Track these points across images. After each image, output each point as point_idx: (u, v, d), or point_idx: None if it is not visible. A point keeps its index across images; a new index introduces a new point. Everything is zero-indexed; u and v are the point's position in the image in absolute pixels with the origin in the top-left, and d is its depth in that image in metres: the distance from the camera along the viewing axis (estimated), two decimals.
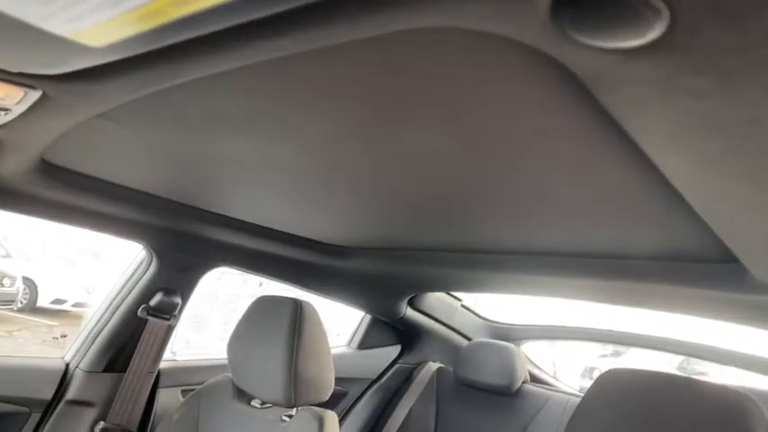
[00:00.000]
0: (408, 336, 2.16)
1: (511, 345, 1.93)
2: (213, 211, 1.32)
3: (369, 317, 2.10)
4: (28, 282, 6.91)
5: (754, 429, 0.61)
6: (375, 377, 2.10)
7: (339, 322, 2.27)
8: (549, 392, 1.88)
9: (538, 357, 2.40)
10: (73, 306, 6.25)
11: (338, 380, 2.02)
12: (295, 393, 1.17)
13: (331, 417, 1.17)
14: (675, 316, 1.42)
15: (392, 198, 0.99)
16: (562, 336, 2.31)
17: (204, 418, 1.33)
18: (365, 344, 2.10)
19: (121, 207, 1.20)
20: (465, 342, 2.11)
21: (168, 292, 1.38)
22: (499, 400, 1.84)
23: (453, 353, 2.07)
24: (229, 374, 1.34)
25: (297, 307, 1.22)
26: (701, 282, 0.98)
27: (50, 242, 6.81)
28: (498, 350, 1.90)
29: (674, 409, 0.67)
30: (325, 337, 1.25)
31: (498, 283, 1.51)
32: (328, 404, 1.21)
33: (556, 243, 1.08)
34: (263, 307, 1.29)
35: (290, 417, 1.21)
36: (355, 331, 2.11)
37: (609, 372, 0.76)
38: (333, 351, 2.07)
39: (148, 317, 1.35)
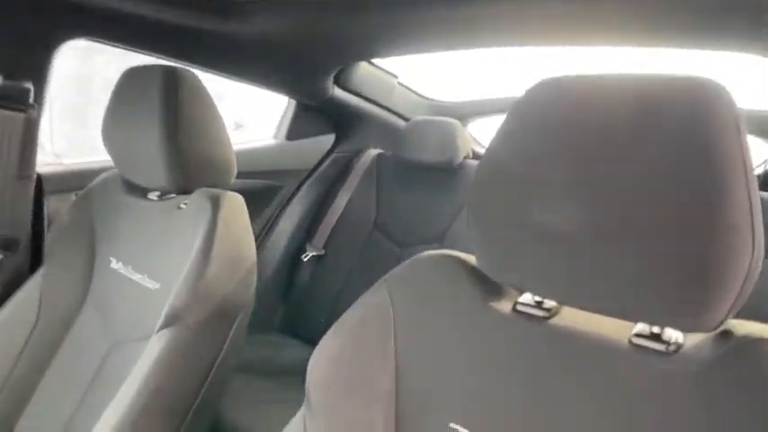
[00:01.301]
0: (343, 123, 1.96)
1: (452, 120, 1.77)
2: None
3: (294, 104, 1.86)
4: None
5: (717, 113, 0.44)
6: (311, 169, 1.96)
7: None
8: None
9: (485, 138, 2.27)
10: None
11: (270, 173, 1.86)
12: (184, 176, 0.99)
13: (231, 196, 1.00)
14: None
15: None
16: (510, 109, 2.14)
17: (98, 218, 1.16)
18: (294, 134, 1.89)
19: None
20: (404, 124, 1.93)
21: (10, 75, 1.09)
22: (440, 176, 1.73)
23: (393, 137, 1.90)
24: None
25: (170, 74, 0.98)
26: None
27: None
28: (439, 126, 1.74)
29: (616, 112, 0.49)
30: (214, 109, 1.03)
31: (441, 34, 1.25)
32: (263, 198, 1.03)
33: None
34: (133, 80, 1.03)
35: (187, 204, 1.05)
36: (281, 120, 1.89)
37: (537, 83, 0.56)
38: (260, 144, 1.90)
39: None
